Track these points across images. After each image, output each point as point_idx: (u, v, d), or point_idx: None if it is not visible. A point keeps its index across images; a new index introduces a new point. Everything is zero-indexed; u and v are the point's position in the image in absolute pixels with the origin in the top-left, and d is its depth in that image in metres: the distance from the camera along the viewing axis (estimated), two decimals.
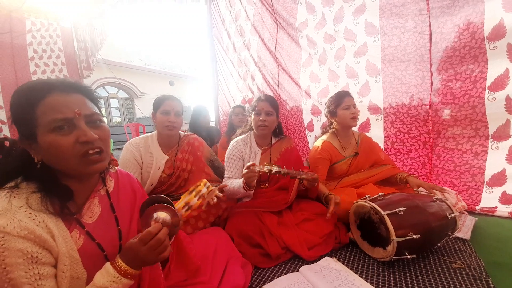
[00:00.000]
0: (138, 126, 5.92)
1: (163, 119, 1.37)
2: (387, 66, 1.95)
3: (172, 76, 11.38)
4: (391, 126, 1.99)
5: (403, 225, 1.02)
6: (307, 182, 1.26)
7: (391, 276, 1.00)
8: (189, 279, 0.86)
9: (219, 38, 3.45)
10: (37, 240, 0.51)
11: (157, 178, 1.43)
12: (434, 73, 1.74)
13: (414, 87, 1.84)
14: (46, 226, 0.54)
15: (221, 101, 3.74)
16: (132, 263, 0.58)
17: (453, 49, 1.63)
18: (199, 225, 1.24)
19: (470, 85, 1.61)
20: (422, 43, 1.75)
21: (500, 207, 1.55)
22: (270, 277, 1.03)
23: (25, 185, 0.56)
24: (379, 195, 1.19)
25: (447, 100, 1.71)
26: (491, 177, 1.60)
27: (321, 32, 2.26)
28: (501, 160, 1.56)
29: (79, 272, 0.58)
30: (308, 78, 2.46)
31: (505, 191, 1.56)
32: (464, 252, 1.14)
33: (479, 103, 1.58)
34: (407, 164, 1.95)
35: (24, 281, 0.49)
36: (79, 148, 0.56)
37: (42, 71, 3.57)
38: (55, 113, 0.54)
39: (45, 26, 3.56)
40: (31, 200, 0.54)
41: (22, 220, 0.50)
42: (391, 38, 1.88)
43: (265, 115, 1.42)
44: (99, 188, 0.68)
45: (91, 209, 0.65)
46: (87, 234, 0.61)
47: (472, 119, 1.63)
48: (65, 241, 0.57)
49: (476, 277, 0.96)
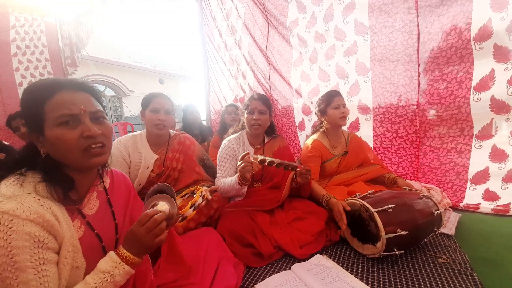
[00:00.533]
0: (126, 125, 5.78)
1: (153, 117, 1.34)
2: (376, 66, 1.97)
3: (162, 74, 11.17)
4: (380, 125, 2.03)
5: (392, 222, 1.04)
6: (300, 177, 1.26)
7: (380, 272, 1.03)
8: (180, 280, 0.84)
9: (210, 36, 3.42)
10: (45, 224, 0.54)
11: (145, 178, 1.39)
12: (422, 73, 1.77)
13: (403, 87, 1.87)
14: (52, 212, 0.56)
15: (212, 100, 3.70)
16: (132, 249, 0.61)
17: (440, 50, 1.66)
18: (190, 226, 1.22)
19: (456, 86, 1.65)
20: (410, 43, 1.78)
21: (483, 204, 1.60)
22: (262, 276, 1.03)
23: (31, 174, 0.59)
24: (368, 193, 1.22)
25: (434, 100, 1.75)
26: (475, 175, 1.65)
27: (312, 31, 2.27)
28: (484, 158, 1.61)
29: (79, 261, 0.60)
30: (299, 77, 2.47)
31: (488, 188, 1.61)
32: (449, 247, 1.17)
33: (464, 103, 1.62)
34: (395, 163, 2.00)
35: (29, 264, 0.51)
36: (83, 142, 0.60)
37: (25, 67, 3.43)
38: (63, 109, 0.58)
39: (29, 21, 3.42)
40: (38, 188, 0.57)
41: (32, 204, 0.53)
42: (380, 38, 1.90)
43: (258, 114, 1.41)
44: (97, 183, 0.72)
45: (90, 202, 0.68)
46: (87, 224, 0.64)
47: (457, 119, 1.67)
48: (69, 229, 0.60)
49: (462, 271, 0.99)
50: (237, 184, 1.25)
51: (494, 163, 1.58)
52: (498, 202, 1.57)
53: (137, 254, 0.62)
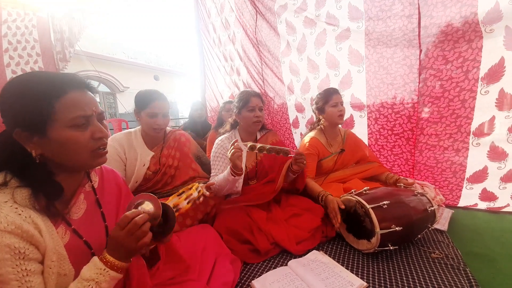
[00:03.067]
0: (121, 122, 5.70)
1: (151, 121, 1.31)
2: (371, 53, 1.82)
3: (157, 71, 11.03)
4: (375, 122, 1.97)
5: (386, 218, 1.06)
6: (296, 163, 1.27)
7: (375, 267, 1.04)
8: (178, 277, 0.84)
9: (205, 32, 3.38)
10: (24, 235, 0.51)
11: (142, 175, 1.38)
12: (423, 61, 1.62)
13: (401, 78, 1.72)
14: (32, 221, 0.53)
15: (208, 97, 3.68)
16: (116, 253, 0.58)
17: (445, 34, 1.49)
18: (187, 223, 1.21)
19: (462, 76, 1.49)
20: (410, 28, 1.61)
21: (480, 205, 1.57)
22: (259, 272, 1.04)
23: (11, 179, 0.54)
24: (364, 190, 1.23)
25: (436, 93, 1.61)
26: (472, 174, 1.60)
27: (301, 16, 2.12)
28: (482, 157, 1.54)
29: (66, 268, 0.57)
30: (288, 70, 2.38)
31: (485, 188, 1.56)
32: (442, 242, 1.20)
33: (470, 97, 1.49)
34: (391, 160, 1.99)
35: (12, 277, 0.48)
36: (93, 144, 0.60)
37: (16, 63, 3.36)
38: (78, 110, 0.56)
39: (21, 16, 3.35)
40: (16, 194, 0.53)
41: (9, 214, 0.50)
42: (377, 23, 1.74)
43: (258, 111, 1.42)
44: (85, 183, 0.68)
45: (77, 205, 0.65)
46: (73, 231, 0.61)
47: (458, 115, 1.56)
48: (52, 237, 0.56)
49: (455, 266, 1.01)
50: (230, 175, 1.22)
51: (493, 162, 1.51)
52: (495, 203, 1.53)
53: (121, 258, 0.58)
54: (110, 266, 0.56)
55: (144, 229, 0.58)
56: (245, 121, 1.45)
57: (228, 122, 1.58)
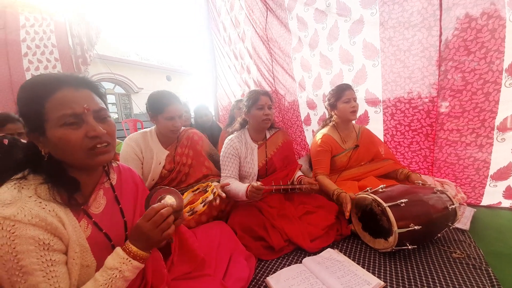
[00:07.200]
0: (136, 122, 5.87)
1: (168, 124, 1.37)
2: (387, 46, 1.74)
3: (169, 71, 11.26)
4: (391, 118, 1.91)
5: (404, 217, 1.03)
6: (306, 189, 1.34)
7: (393, 266, 1.02)
8: (194, 272, 0.86)
9: (215, 31, 3.40)
10: (48, 227, 0.53)
11: (158, 173, 1.42)
12: (443, 52, 1.52)
13: (419, 71, 1.63)
14: (56, 214, 0.55)
15: (220, 96, 3.70)
16: (139, 243, 0.61)
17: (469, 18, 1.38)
18: (202, 220, 1.24)
19: (485, 68, 1.40)
20: (430, 11, 1.48)
21: (504, 203, 1.50)
22: (273, 269, 1.04)
23: (32, 176, 0.57)
24: (380, 188, 1.20)
25: (458, 86, 1.52)
26: (496, 171, 1.52)
27: (311, 9, 2.08)
28: (507, 152, 1.47)
29: (88, 260, 0.60)
30: (299, 67, 2.35)
31: (510, 185, 1.49)
32: (464, 242, 1.15)
33: (494, 89, 1.41)
34: (408, 157, 1.91)
35: (36, 267, 0.51)
36: (88, 142, 0.58)
37: (35, 67, 3.48)
38: (65, 108, 0.55)
39: (39, 21, 3.46)
40: (39, 190, 0.55)
41: (33, 208, 0.52)
42: (392, 8, 1.62)
43: (268, 109, 1.42)
44: (104, 181, 0.70)
45: (97, 201, 0.67)
46: (94, 224, 0.63)
47: (482, 109, 1.48)
48: (75, 230, 0.58)
49: (476, 266, 0.97)
50: (244, 197, 1.24)
51: None
52: None
53: (144, 248, 0.61)
54: (133, 256, 0.60)
55: (169, 221, 0.62)
56: (254, 120, 1.46)
57: (237, 121, 1.59)
